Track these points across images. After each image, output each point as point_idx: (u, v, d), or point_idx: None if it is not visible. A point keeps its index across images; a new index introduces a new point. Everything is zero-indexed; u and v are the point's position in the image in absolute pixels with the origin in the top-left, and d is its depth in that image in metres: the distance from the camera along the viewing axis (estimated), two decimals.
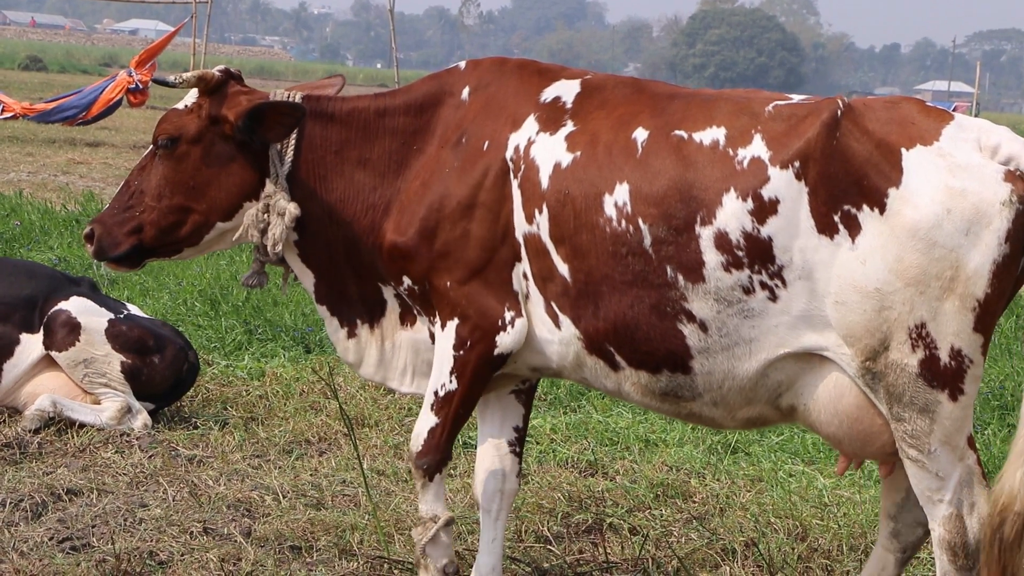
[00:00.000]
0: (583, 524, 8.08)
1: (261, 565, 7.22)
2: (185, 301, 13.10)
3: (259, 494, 8.27)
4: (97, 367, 9.54)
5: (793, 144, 5.69)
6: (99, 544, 7.39)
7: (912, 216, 5.52)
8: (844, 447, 5.99)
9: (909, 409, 5.65)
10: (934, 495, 5.75)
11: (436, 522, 6.47)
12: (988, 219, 5.50)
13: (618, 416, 10.23)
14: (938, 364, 5.58)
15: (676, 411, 6.16)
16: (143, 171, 6.52)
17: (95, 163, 27.15)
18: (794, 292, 5.70)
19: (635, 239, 5.86)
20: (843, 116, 5.67)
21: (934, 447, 5.67)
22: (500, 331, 6.20)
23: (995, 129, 5.70)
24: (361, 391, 10.46)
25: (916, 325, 5.56)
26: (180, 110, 6.50)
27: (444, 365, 6.31)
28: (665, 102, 6.06)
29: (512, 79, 6.36)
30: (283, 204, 6.40)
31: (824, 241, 5.63)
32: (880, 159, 5.59)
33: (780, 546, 7.80)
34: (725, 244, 5.73)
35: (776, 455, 9.55)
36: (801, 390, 5.85)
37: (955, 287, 5.52)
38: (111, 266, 6.69)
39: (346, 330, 6.64)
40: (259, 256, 6.60)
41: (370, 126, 6.49)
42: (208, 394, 10.44)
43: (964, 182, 5.52)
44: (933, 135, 5.61)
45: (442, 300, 6.27)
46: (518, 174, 6.14)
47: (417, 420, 6.46)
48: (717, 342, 5.84)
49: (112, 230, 6.50)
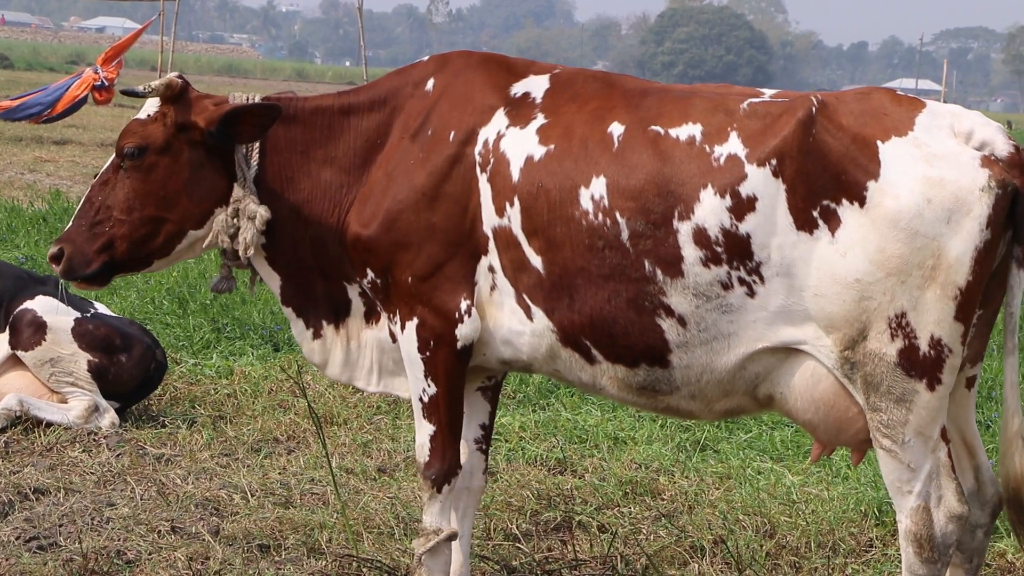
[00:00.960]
0: (552, 522, 8.08)
1: (229, 564, 7.20)
2: (153, 299, 13.06)
3: (227, 493, 8.25)
4: (63, 366, 9.51)
5: (770, 142, 5.71)
6: (66, 543, 7.36)
7: (892, 207, 5.55)
8: (819, 434, 6.02)
9: (886, 399, 5.67)
10: (904, 486, 5.77)
11: (438, 535, 6.47)
12: (968, 206, 5.54)
13: (587, 414, 10.23)
14: (917, 353, 5.61)
15: (653, 405, 6.17)
16: (106, 185, 6.42)
17: (62, 161, 27.05)
18: (772, 288, 5.72)
19: (612, 232, 5.87)
20: (818, 113, 5.69)
21: (908, 437, 5.70)
22: (458, 323, 6.20)
23: (967, 114, 5.75)
24: (330, 389, 10.44)
25: (896, 315, 5.59)
26: (143, 119, 6.41)
27: (416, 370, 6.32)
28: (638, 98, 6.07)
29: (479, 72, 6.35)
30: (253, 208, 6.37)
31: (803, 237, 5.65)
32: (857, 153, 5.61)
33: (748, 543, 7.81)
34: (703, 240, 5.74)
35: (745, 452, 9.56)
36: (778, 379, 5.87)
37: (936, 276, 5.56)
38: (81, 285, 6.56)
39: (312, 331, 6.62)
40: (227, 261, 6.56)
41: (335, 124, 6.47)
42: (176, 393, 10.42)
43: (942, 171, 5.56)
44: (907, 125, 5.64)
45: (402, 296, 6.26)
46: (487, 167, 6.14)
47: (416, 433, 6.46)
48: (696, 337, 5.85)
49: (82, 248, 6.39)
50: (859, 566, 7.65)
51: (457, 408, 6.40)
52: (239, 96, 6.51)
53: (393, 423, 9.90)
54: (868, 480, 8.72)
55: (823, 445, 6.26)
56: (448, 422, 6.37)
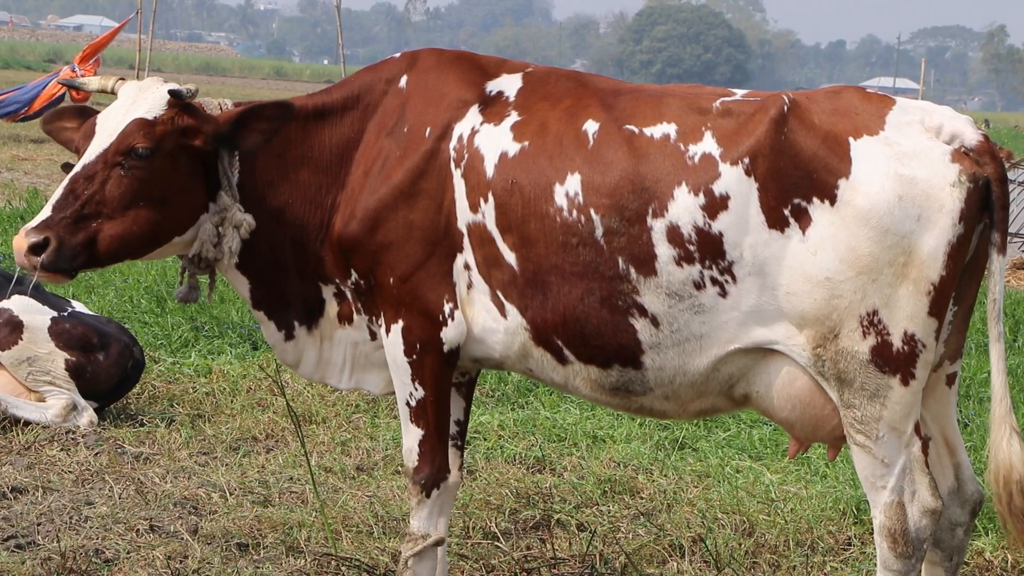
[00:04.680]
0: (531, 520, 8.08)
1: (208, 563, 7.20)
2: (131, 298, 13.04)
3: (206, 491, 8.25)
4: (41, 365, 9.49)
5: (743, 141, 5.73)
6: (44, 542, 7.35)
7: (863, 205, 5.57)
8: (796, 431, 6.04)
9: (860, 395, 5.69)
10: (878, 481, 5.79)
11: (426, 540, 6.46)
12: (940, 203, 5.57)
13: (566, 412, 10.24)
14: (890, 349, 5.63)
15: (626, 405, 6.18)
16: (92, 179, 6.20)
17: (40, 159, 27.01)
18: (744, 288, 5.73)
19: (586, 229, 5.88)
20: (790, 112, 5.72)
21: (882, 433, 5.72)
22: (443, 326, 6.19)
23: (936, 109, 5.79)
24: (308, 388, 10.43)
25: (868, 312, 5.62)
26: (150, 120, 6.22)
27: (403, 374, 6.31)
28: (611, 97, 6.08)
29: (452, 69, 6.35)
30: (239, 216, 6.32)
31: (775, 235, 5.67)
32: (828, 152, 5.64)
33: (727, 542, 7.83)
34: (677, 238, 5.75)
35: (723, 451, 9.58)
36: (753, 379, 5.89)
37: (909, 272, 5.58)
38: (52, 276, 6.23)
39: (284, 333, 6.58)
40: (191, 269, 6.46)
41: (309, 125, 6.42)
42: (154, 391, 10.40)
43: (913, 169, 5.58)
44: (878, 123, 5.67)
45: (386, 298, 6.25)
46: (461, 163, 6.13)
47: (403, 437, 6.45)
48: (668, 337, 5.86)
49: (68, 240, 6.15)
50: (837, 564, 7.67)
51: (444, 411, 6.40)
52: (212, 103, 6.43)
53: (372, 422, 9.90)
54: (847, 479, 8.75)
55: (800, 442, 6.28)
56: (436, 426, 6.37)
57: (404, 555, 6.48)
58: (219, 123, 6.26)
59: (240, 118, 6.26)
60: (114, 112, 6.30)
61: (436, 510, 6.47)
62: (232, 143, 6.28)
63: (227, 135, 6.25)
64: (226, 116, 6.28)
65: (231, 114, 6.28)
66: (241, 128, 6.26)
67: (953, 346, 5.95)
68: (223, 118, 6.27)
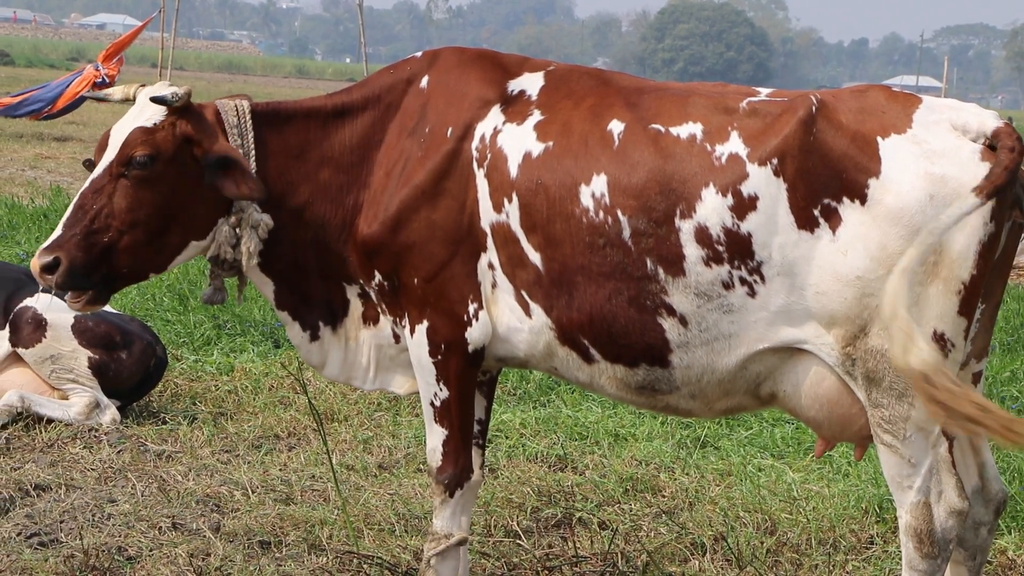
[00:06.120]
0: (552, 518, 8.08)
1: (230, 560, 7.21)
2: (154, 296, 13.06)
3: (228, 489, 8.26)
4: (64, 363, 9.52)
5: (771, 141, 5.71)
6: (67, 540, 7.36)
7: (894, 204, 5.55)
8: (823, 431, 6.02)
9: (888, 394, 5.67)
10: (904, 481, 5.76)
11: (449, 539, 6.46)
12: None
13: (587, 410, 10.24)
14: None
15: (652, 404, 6.16)
16: (100, 192, 6.15)
17: (63, 158, 27.05)
18: (773, 288, 5.71)
19: (614, 230, 5.86)
20: (818, 111, 5.69)
21: (909, 433, 5.69)
22: (468, 326, 6.19)
23: (963, 107, 5.76)
24: (331, 386, 10.44)
25: None
26: (149, 128, 6.18)
27: (427, 374, 6.30)
28: (635, 96, 6.06)
29: (473, 68, 6.33)
30: (256, 217, 6.30)
31: (804, 236, 5.65)
32: (857, 152, 5.61)
33: (749, 540, 7.81)
34: (705, 238, 5.74)
35: (745, 449, 9.57)
36: (781, 378, 5.87)
37: (939, 271, 5.55)
38: (75, 297, 6.21)
39: (308, 333, 6.57)
40: (219, 271, 6.43)
41: (330, 125, 6.40)
42: (177, 389, 10.42)
43: (943, 167, 5.56)
44: (905, 122, 5.65)
45: (411, 299, 6.24)
46: (484, 163, 6.12)
47: (427, 437, 6.45)
48: (697, 336, 5.85)
49: (79, 259, 6.09)
50: (860, 563, 7.66)
51: (468, 411, 6.39)
52: (227, 103, 6.40)
53: (394, 420, 9.90)
54: (869, 477, 8.73)
55: (827, 441, 6.25)
56: (460, 426, 6.36)
57: (427, 554, 6.48)
58: (209, 148, 6.19)
59: (226, 162, 6.18)
60: (124, 122, 6.27)
61: (459, 509, 6.46)
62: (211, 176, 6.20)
63: (210, 165, 6.18)
64: (217, 148, 6.19)
65: (223, 149, 6.20)
66: (222, 170, 6.18)
67: (980, 344, 5.92)
68: (215, 147, 6.19)
